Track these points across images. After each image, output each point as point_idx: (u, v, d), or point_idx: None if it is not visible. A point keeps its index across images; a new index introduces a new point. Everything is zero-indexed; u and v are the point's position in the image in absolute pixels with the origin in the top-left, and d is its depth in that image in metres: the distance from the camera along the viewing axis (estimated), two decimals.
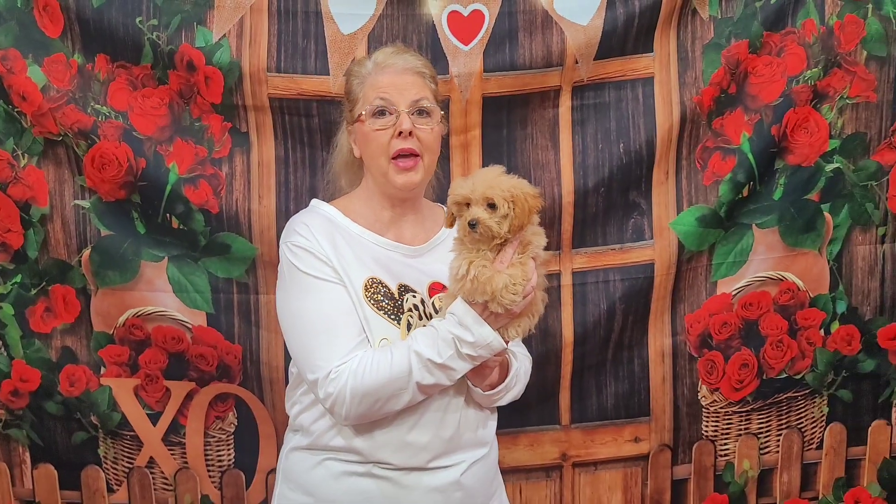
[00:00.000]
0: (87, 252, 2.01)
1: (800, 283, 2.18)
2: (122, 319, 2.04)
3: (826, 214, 2.18)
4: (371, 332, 1.57)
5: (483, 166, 2.06)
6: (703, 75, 2.09)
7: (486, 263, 1.52)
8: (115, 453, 2.10)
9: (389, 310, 1.59)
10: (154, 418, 2.08)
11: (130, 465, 2.10)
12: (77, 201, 2.01)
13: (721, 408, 2.21)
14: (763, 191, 2.15)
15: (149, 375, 2.06)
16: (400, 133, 1.61)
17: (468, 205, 1.53)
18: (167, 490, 2.11)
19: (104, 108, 1.97)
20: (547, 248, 2.07)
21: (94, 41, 1.96)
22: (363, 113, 1.63)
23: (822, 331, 2.22)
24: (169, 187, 1.99)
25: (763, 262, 2.17)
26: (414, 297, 1.63)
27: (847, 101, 2.14)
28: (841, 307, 2.22)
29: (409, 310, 1.61)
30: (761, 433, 2.24)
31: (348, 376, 1.51)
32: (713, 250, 2.16)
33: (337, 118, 1.95)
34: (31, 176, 2.00)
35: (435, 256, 1.68)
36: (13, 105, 1.96)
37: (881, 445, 2.27)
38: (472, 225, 1.50)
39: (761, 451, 2.25)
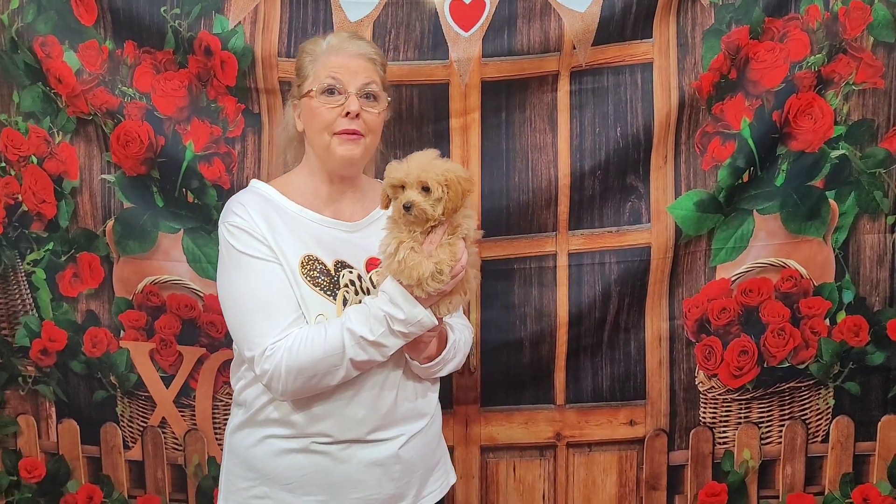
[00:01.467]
0: (110, 223, 2.17)
1: (803, 270, 2.16)
2: (140, 286, 2.18)
3: (831, 202, 2.15)
4: (307, 309, 1.61)
5: (482, 148, 2.14)
6: (702, 61, 2.11)
7: (414, 246, 1.56)
8: (131, 412, 2.24)
9: (325, 286, 1.63)
10: (167, 381, 2.21)
11: (144, 425, 2.24)
12: (103, 175, 2.17)
13: (719, 394, 2.20)
14: (765, 176, 2.15)
15: (163, 340, 2.20)
16: (347, 113, 1.66)
17: (403, 187, 1.57)
18: (177, 450, 2.24)
19: (130, 90, 2.13)
20: (543, 230, 2.15)
21: (123, 29, 2.12)
22: (313, 90, 1.68)
23: (828, 320, 2.18)
24: (185, 164, 2.13)
25: (764, 248, 2.15)
26: (350, 272, 1.67)
27: (853, 87, 2.12)
28: (847, 297, 2.18)
29: (345, 285, 1.65)
30: (762, 422, 2.21)
31: (283, 353, 1.56)
32: (712, 235, 2.16)
33: None
34: (65, 152, 2.17)
35: (373, 231, 1.69)
36: (50, 87, 2.14)
37: (892, 442, 2.21)
38: (407, 207, 1.55)
39: (763, 442, 2.22)
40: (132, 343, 2.21)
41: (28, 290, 2.22)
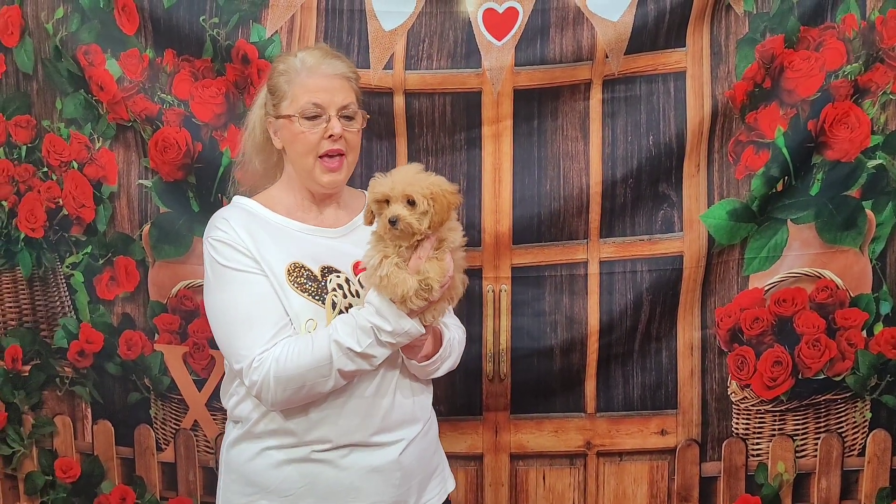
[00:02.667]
0: (147, 227, 2.21)
1: (839, 281, 2.13)
2: (174, 290, 2.22)
3: (868, 212, 2.13)
4: (297, 316, 1.61)
5: (514, 156, 2.15)
6: (735, 70, 2.10)
7: (399, 262, 1.55)
8: (164, 414, 2.27)
9: (313, 291, 1.64)
10: (199, 384, 2.24)
11: (177, 427, 2.27)
12: (141, 181, 2.22)
13: (752, 405, 2.17)
14: (799, 186, 2.13)
15: (196, 343, 2.23)
16: (330, 136, 1.67)
17: (388, 202, 1.56)
18: (209, 452, 2.26)
19: (169, 97, 2.18)
20: (574, 237, 2.15)
21: (163, 37, 2.17)
22: (294, 115, 1.68)
23: (864, 332, 2.15)
24: (221, 169, 2.17)
25: (798, 258, 2.13)
26: (338, 276, 1.67)
27: (890, 96, 2.10)
28: (885, 308, 2.15)
29: (334, 289, 1.65)
30: (797, 435, 2.18)
31: (271, 363, 1.57)
32: (745, 244, 2.15)
33: (373, 109, 2.09)
34: (104, 157, 2.22)
35: (357, 236, 1.70)
36: (92, 94, 2.19)
37: None
38: (393, 222, 1.54)
39: (797, 455, 2.19)
40: (166, 346, 2.24)
41: (67, 293, 2.26)
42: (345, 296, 1.66)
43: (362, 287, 1.66)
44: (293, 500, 1.65)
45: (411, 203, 1.55)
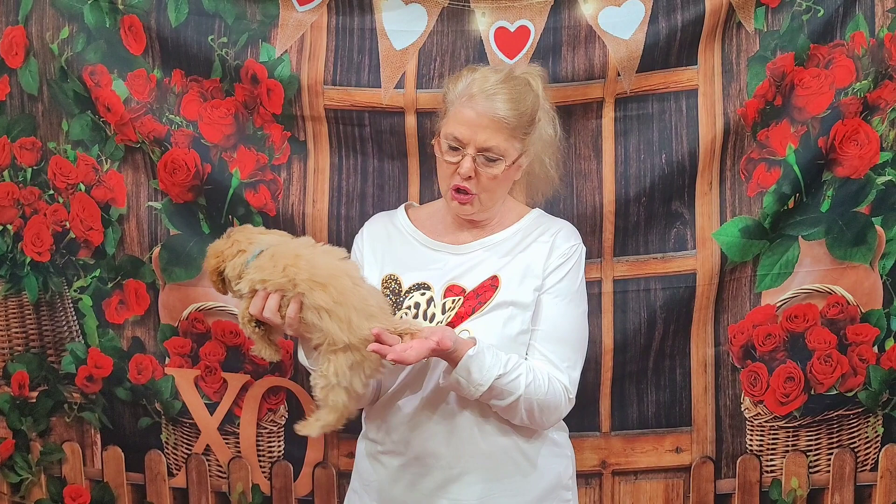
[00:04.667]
0: (157, 249, 2.18)
1: (849, 297, 2.15)
2: (185, 313, 2.19)
3: (878, 228, 2.14)
4: None
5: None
6: (747, 87, 2.11)
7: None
8: (175, 439, 2.24)
9: (391, 304, 1.68)
10: (211, 408, 2.22)
11: (189, 452, 2.24)
12: (150, 203, 2.19)
13: (766, 421, 2.18)
14: (810, 203, 2.14)
15: (208, 367, 2.20)
16: (460, 174, 1.67)
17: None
18: (221, 477, 2.24)
19: (177, 117, 2.15)
20: (588, 256, 2.13)
21: (171, 57, 2.14)
22: (440, 138, 1.70)
23: (876, 347, 2.16)
24: (231, 191, 2.15)
25: (809, 274, 2.14)
26: (423, 294, 1.69)
27: None
28: None
29: (408, 307, 1.67)
30: (810, 451, 2.19)
31: None
32: (757, 261, 2.15)
33: (384, 128, 2.10)
34: (112, 179, 2.19)
35: (478, 255, 1.73)
36: (99, 115, 2.16)
37: None
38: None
39: (811, 470, 2.20)
40: (177, 370, 2.21)
41: (75, 317, 2.23)
42: (415, 316, 1.67)
43: (443, 312, 1.67)
44: None
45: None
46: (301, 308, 1.55)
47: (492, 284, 1.71)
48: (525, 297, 1.70)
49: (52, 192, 2.21)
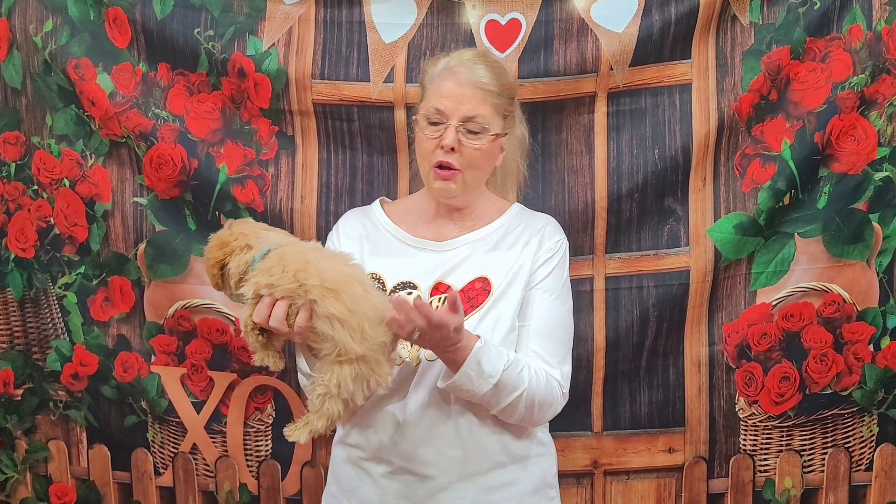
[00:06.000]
0: (142, 246, 2.15)
1: (846, 295, 2.11)
2: (171, 311, 2.16)
3: (875, 224, 2.10)
4: None
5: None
6: (741, 82, 2.07)
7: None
8: (162, 438, 2.22)
9: None
10: (198, 406, 2.19)
11: (176, 451, 2.21)
12: (136, 198, 2.16)
13: (760, 421, 2.15)
14: (806, 199, 2.10)
15: (194, 365, 2.17)
16: (443, 146, 1.63)
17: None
18: (209, 476, 2.21)
19: (163, 112, 2.12)
20: (580, 253, 2.11)
21: (156, 51, 2.11)
22: (417, 117, 1.67)
23: (871, 346, 2.13)
24: (218, 186, 2.11)
25: (805, 272, 2.11)
26: (410, 293, 1.64)
27: None
28: (892, 322, 2.13)
29: None
30: (804, 450, 2.16)
31: None
32: (752, 259, 2.12)
33: (374, 123, 2.06)
34: (97, 175, 2.15)
35: (462, 251, 1.70)
36: (84, 110, 2.13)
37: None
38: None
39: (805, 470, 2.17)
40: (163, 368, 2.18)
41: (59, 314, 2.20)
42: None
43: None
44: None
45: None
46: (311, 316, 1.48)
47: (483, 288, 1.68)
48: (516, 298, 1.68)
49: (36, 187, 2.17)
